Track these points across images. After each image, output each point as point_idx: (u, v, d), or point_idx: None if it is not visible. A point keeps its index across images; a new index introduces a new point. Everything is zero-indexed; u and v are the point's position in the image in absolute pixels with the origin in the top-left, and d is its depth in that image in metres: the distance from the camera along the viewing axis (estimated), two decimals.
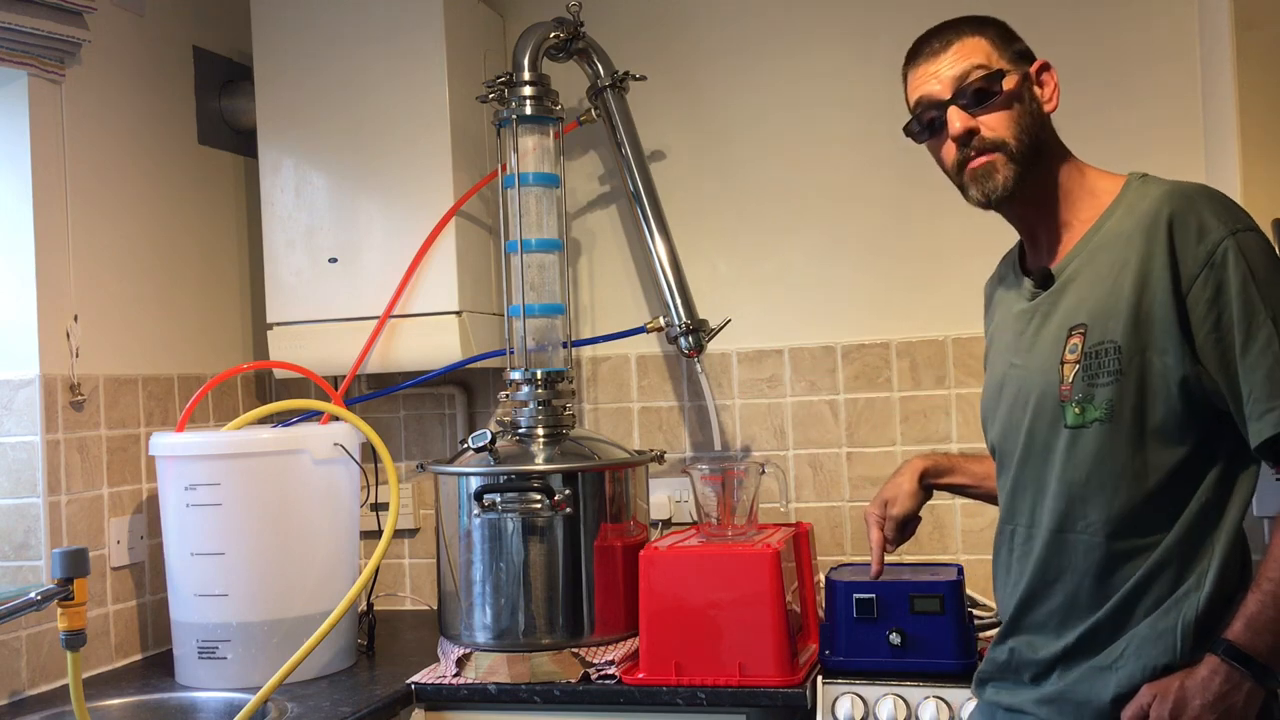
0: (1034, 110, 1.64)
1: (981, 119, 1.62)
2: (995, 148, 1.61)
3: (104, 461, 2.46)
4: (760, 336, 2.77)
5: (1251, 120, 2.16)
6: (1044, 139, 1.65)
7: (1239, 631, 1.49)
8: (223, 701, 2.22)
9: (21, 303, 2.33)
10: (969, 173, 1.64)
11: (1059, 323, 1.61)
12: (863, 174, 2.72)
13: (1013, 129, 1.61)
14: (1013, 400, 1.68)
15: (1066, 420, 1.58)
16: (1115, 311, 1.55)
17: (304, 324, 2.70)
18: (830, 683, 2.15)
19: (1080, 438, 1.57)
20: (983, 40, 1.64)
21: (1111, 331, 1.54)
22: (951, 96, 1.63)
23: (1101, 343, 1.55)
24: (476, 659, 2.28)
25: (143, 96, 2.64)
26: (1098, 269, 1.59)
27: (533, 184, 2.48)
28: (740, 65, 2.80)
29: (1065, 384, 1.58)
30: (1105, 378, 1.54)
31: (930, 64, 1.66)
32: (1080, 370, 1.56)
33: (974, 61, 1.62)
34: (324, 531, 2.38)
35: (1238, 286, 1.49)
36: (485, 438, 2.27)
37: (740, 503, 2.34)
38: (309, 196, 2.70)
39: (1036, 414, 1.62)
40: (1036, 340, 1.64)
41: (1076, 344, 1.57)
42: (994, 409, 1.74)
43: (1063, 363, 1.58)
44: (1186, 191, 1.57)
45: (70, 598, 1.79)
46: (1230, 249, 1.50)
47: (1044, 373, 1.61)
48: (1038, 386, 1.62)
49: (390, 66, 2.64)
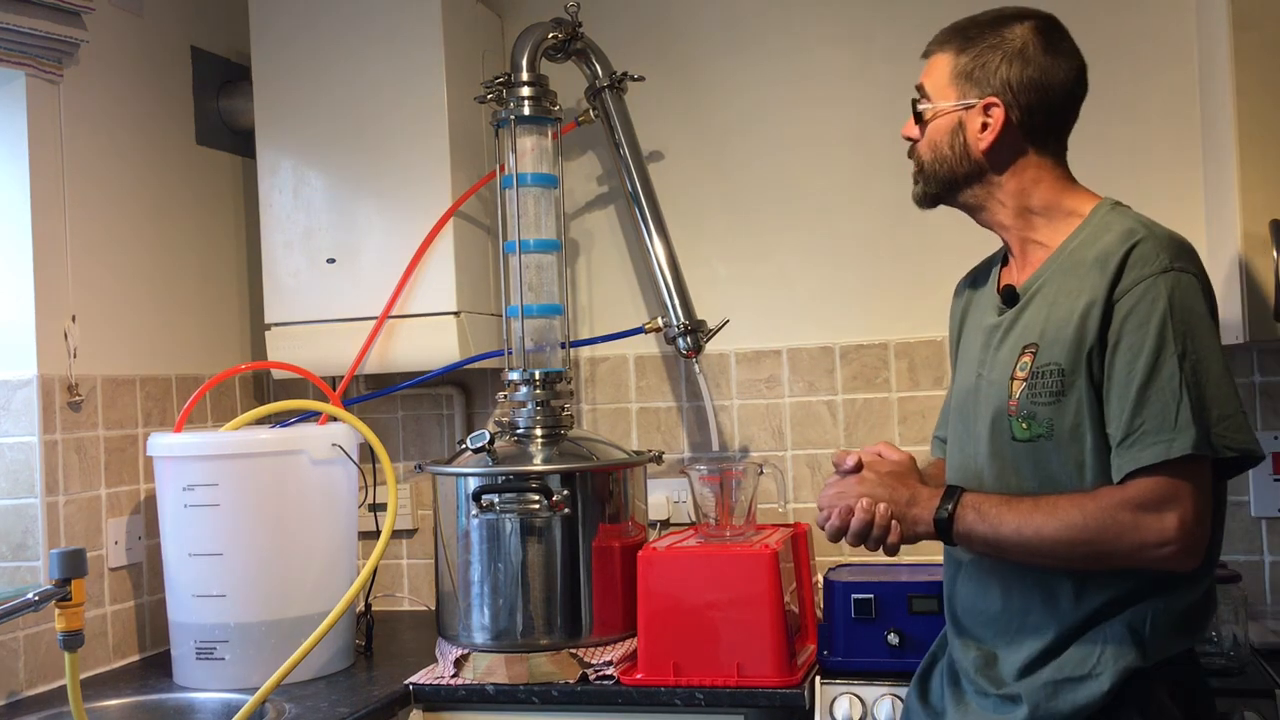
0: (956, 144, 1.71)
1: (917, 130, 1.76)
2: (915, 161, 1.77)
3: (102, 462, 2.46)
4: (758, 337, 2.77)
5: (1249, 121, 2.16)
6: (962, 173, 1.72)
7: (974, 502, 1.61)
8: (220, 702, 2.22)
9: (19, 303, 2.32)
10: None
11: (1015, 340, 1.68)
12: (861, 175, 2.72)
13: (928, 153, 1.74)
14: (975, 410, 1.73)
15: (1014, 434, 1.64)
16: (1062, 336, 1.60)
17: (302, 324, 2.70)
18: (828, 683, 2.15)
19: (1028, 451, 1.63)
20: (948, 61, 1.71)
21: (1056, 354, 1.60)
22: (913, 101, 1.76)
23: (1047, 364, 1.61)
24: (474, 659, 2.27)
25: (141, 97, 2.64)
26: (1055, 292, 1.64)
27: (531, 184, 2.48)
28: (739, 66, 2.80)
29: (1012, 399, 1.64)
30: (1047, 397, 1.60)
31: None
32: (1026, 388, 1.63)
33: (925, 80, 1.75)
34: (322, 532, 2.38)
35: (1157, 322, 1.53)
36: (483, 438, 2.27)
37: (738, 503, 2.34)
38: (307, 197, 2.70)
39: (992, 426, 1.68)
40: (997, 355, 1.70)
41: (1026, 362, 1.64)
42: (959, 414, 1.78)
43: (1012, 379, 1.65)
44: (1143, 230, 1.60)
45: (68, 598, 1.79)
46: (1162, 283, 1.55)
47: (998, 386, 1.67)
48: (994, 400, 1.67)
49: (389, 67, 2.64)
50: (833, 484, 1.72)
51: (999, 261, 1.83)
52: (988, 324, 1.75)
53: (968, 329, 1.84)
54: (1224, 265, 2.33)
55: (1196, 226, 2.52)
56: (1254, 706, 1.97)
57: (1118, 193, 1.72)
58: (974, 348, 1.77)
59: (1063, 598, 1.62)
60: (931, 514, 1.63)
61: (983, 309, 1.80)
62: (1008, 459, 1.66)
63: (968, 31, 1.71)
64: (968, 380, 1.76)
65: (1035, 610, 1.64)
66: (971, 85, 1.69)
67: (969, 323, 1.84)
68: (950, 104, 1.70)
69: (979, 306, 1.82)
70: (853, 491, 1.68)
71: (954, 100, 1.70)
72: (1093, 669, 1.58)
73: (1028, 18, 1.69)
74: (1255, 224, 2.15)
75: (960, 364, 1.84)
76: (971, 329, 1.82)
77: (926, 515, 1.64)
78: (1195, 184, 2.53)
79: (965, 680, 1.72)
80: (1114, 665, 1.57)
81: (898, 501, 1.65)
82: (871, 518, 1.64)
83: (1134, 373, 1.54)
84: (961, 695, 1.72)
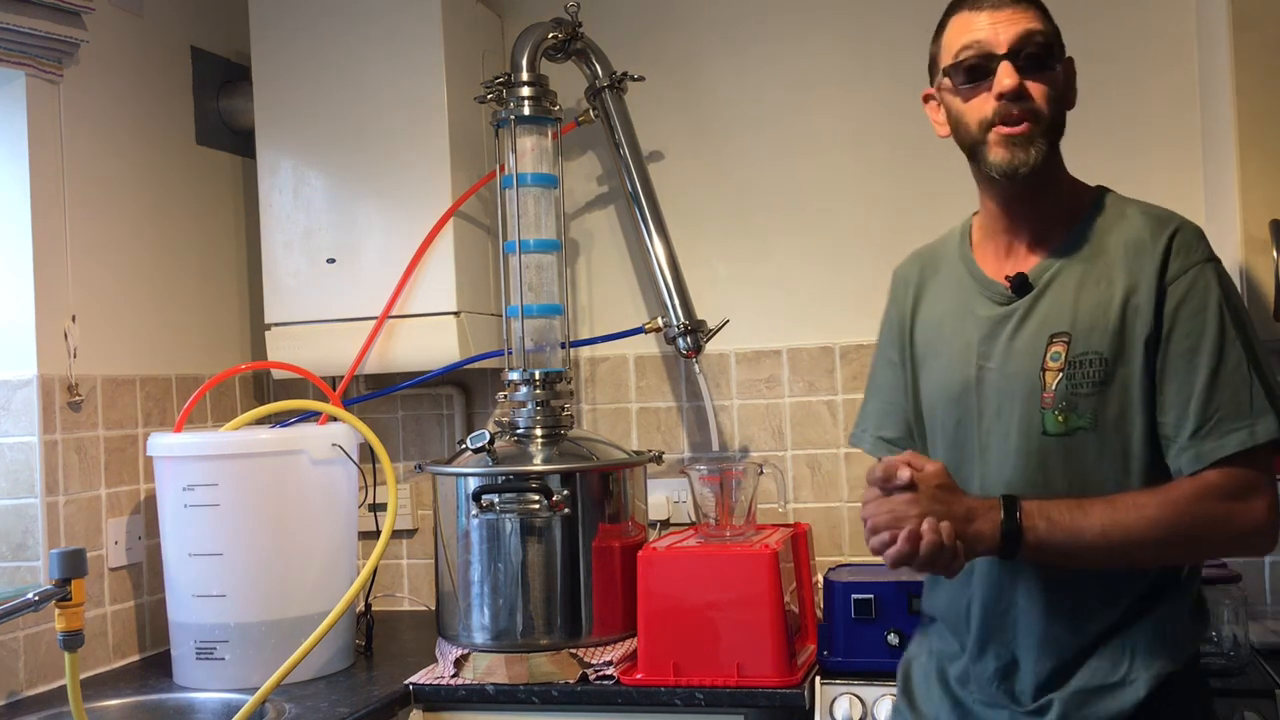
0: (1066, 96, 1.62)
1: (1030, 85, 1.56)
2: (1035, 117, 1.56)
3: (102, 462, 2.46)
4: (758, 337, 2.77)
5: (1249, 121, 2.16)
6: (1063, 131, 1.61)
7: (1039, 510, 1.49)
8: (220, 702, 2.22)
9: (19, 303, 2.32)
10: (1003, 135, 1.56)
11: (1036, 329, 1.59)
12: (861, 175, 2.72)
13: (1052, 106, 1.57)
14: (981, 405, 1.62)
15: (1046, 427, 1.56)
16: (1101, 324, 1.55)
17: (302, 324, 2.70)
18: (828, 683, 2.15)
19: (1060, 445, 1.56)
20: (1039, 14, 1.60)
21: (1096, 343, 1.54)
22: (1007, 52, 1.55)
23: (1085, 353, 1.54)
24: (474, 659, 2.27)
25: (141, 97, 2.64)
26: (1078, 280, 1.58)
27: (531, 184, 2.48)
28: (739, 66, 2.80)
29: (1047, 391, 1.56)
30: (1089, 387, 1.54)
31: (989, 14, 1.58)
32: (1064, 378, 1.55)
33: (1036, 25, 1.57)
34: (322, 532, 2.38)
35: (1214, 309, 1.52)
36: (483, 438, 2.27)
37: (738, 503, 2.34)
38: (307, 197, 2.70)
39: (1016, 419, 1.58)
40: (1013, 345, 1.60)
41: (1059, 352, 1.56)
42: (949, 411, 1.66)
43: (1044, 370, 1.56)
44: (1175, 218, 1.59)
45: (68, 598, 1.79)
46: (1210, 270, 1.54)
47: (1022, 379, 1.58)
48: (1018, 392, 1.58)
49: (389, 67, 2.64)
50: (881, 500, 1.51)
51: (959, 247, 1.72)
52: (984, 314, 1.64)
53: (935, 319, 1.72)
54: (1224, 265, 2.32)
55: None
56: (1254, 706, 1.97)
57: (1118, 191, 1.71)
58: (961, 339, 1.66)
59: (1091, 599, 1.55)
60: (995, 529, 1.48)
61: (964, 298, 1.68)
62: (1033, 454, 1.56)
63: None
64: (959, 374, 1.64)
65: (1061, 616, 1.56)
66: (1059, 39, 1.61)
67: (936, 312, 1.72)
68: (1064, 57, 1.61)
69: (954, 296, 1.70)
70: (908, 512, 1.47)
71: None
72: (1125, 675, 1.53)
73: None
74: (1255, 224, 2.15)
75: (932, 357, 1.71)
76: (948, 318, 1.69)
77: (989, 531, 1.48)
78: (1195, 184, 2.53)
79: (973, 690, 1.64)
80: (1147, 670, 1.53)
81: (955, 518, 1.47)
82: (941, 540, 1.45)
83: (1198, 361, 1.50)
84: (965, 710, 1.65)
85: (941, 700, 1.68)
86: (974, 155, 1.61)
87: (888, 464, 1.52)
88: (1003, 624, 1.61)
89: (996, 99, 1.55)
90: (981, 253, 1.69)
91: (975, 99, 1.58)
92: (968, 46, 1.58)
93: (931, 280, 1.75)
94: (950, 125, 1.64)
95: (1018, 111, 1.55)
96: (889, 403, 1.79)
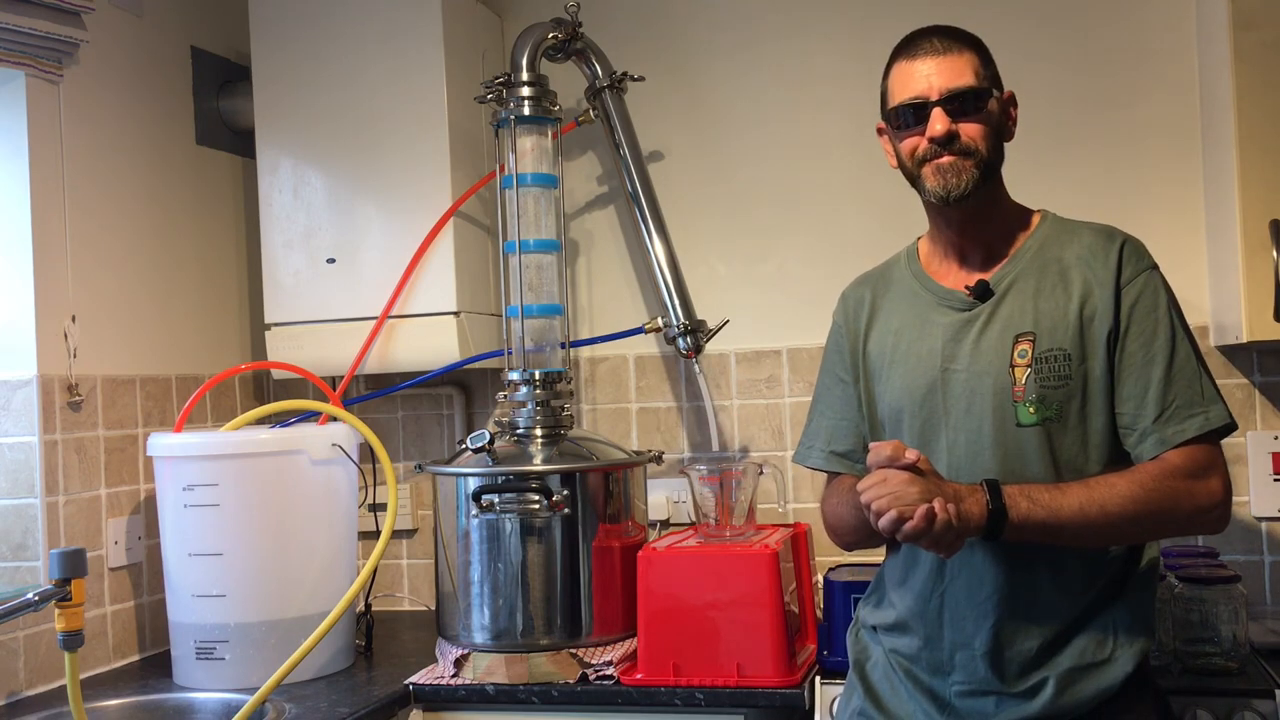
0: (1000, 132, 1.76)
1: (961, 126, 1.72)
2: (968, 154, 1.72)
3: (102, 462, 2.46)
4: (758, 337, 2.77)
5: (1249, 121, 2.17)
6: (999, 160, 1.77)
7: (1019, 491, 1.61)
8: (220, 702, 2.22)
9: (19, 303, 2.32)
10: (933, 166, 1.72)
11: (1001, 330, 1.72)
12: (860, 175, 2.72)
13: (985, 142, 1.73)
14: (946, 404, 1.74)
15: (1019, 419, 1.69)
16: (1063, 323, 1.69)
17: (302, 324, 2.70)
18: (828, 683, 2.15)
19: (1034, 435, 1.68)
20: (974, 57, 1.75)
21: (1060, 340, 1.69)
22: (939, 99, 1.71)
23: (1051, 349, 1.69)
24: (474, 659, 2.28)
25: (141, 97, 2.64)
26: (1034, 286, 1.73)
27: (531, 184, 2.48)
28: (738, 66, 2.80)
29: (1018, 385, 1.69)
30: (1055, 380, 1.68)
31: (925, 64, 1.74)
32: (1032, 373, 1.69)
33: (966, 75, 1.72)
34: (322, 532, 2.38)
35: (1164, 311, 1.69)
36: (483, 438, 2.27)
37: (738, 503, 2.34)
38: (307, 197, 2.70)
39: (989, 413, 1.70)
40: (979, 346, 1.73)
41: (1026, 349, 1.70)
42: (915, 413, 1.77)
43: (1013, 366, 1.70)
44: (1121, 232, 1.75)
45: (68, 598, 1.79)
46: (1156, 276, 1.72)
47: (991, 376, 1.71)
48: (989, 388, 1.71)
49: (388, 67, 2.64)
50: (881, 484, 1.60)
51: (908, 266, 1.87)
52: (946, 321, 1.77)
53: (890, 333, 1.83)
54: (1224, 265, 2.33)
55: (1197, 226, 2.53)
56: (1254, 706, 1.97)
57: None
58: (923, 345, 1.78)
59: (1074, 582, 1.68)
60: (982, 509, 1.59)
61: (920, 310, 1.80)
62: (1011, 445, 1.69)
63: (961, 31, 1.77)
64: (924, 377, 1.76)
65: (1042, 599, 1.68)
66: (994, 78, 1.76)
67: (892, 326, 1.83)
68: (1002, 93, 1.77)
69: (909, 309, 1.82)
70: (908, 491, 1.57)
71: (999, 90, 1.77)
72: (1111, 653, 1.67)
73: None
74: (1255, 224, 2.15)
75: (890, 366, 1.81)
76: (905, 329, 1.81)
77: (977, 512, 1.59)
78: (1195, 184, 2.53)
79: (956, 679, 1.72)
80: (1129, 649, 1.67)
81: (948, 499, 1.58)
82: (950, 519, 1.55)
83: (1153, 355, 1.67)
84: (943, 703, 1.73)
85: (912, 698, 1.77)
86: (915, 185, 1.78)
87: (895, 446, 1.63)
88: (979, 610, 1.70)
89: (929, 141, 1.72)
90: (933, 271, 1.84)
91: (911, 139, 1.75)
92: (905, 95, 1.75)
93: (883, 299, 1.89)
94: (895, 159, 1.81)
95: (948, 153, 1.72)
96: (840, 419, 1.91)
